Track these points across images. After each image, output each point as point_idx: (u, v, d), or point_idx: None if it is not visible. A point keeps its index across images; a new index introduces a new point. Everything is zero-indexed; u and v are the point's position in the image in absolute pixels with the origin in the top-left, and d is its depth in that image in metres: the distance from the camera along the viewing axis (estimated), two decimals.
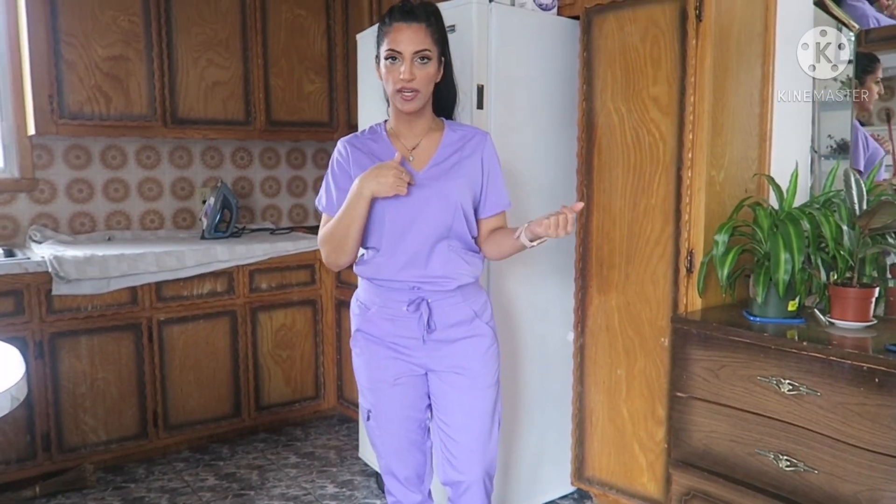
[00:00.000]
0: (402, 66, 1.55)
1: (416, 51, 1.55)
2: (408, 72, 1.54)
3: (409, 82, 1.55)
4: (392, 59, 1.56)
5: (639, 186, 2.11)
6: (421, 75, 1.56)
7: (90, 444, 2.71)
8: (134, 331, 2.78)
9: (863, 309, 1.71)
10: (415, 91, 1.57)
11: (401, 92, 1.57)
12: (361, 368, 1.73)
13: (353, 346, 1.74)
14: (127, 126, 2.97)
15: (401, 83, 1.56)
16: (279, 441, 3.11)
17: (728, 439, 1.80)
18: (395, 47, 1.55)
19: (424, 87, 1.58)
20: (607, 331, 2.24)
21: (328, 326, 3.29)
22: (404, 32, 1.55)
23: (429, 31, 1.57)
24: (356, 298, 1.76)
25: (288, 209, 3.82)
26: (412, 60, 1.55)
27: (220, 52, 3.17)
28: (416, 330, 1.64)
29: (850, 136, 2.02)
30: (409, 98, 1.57)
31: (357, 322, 1.73)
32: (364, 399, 1.75)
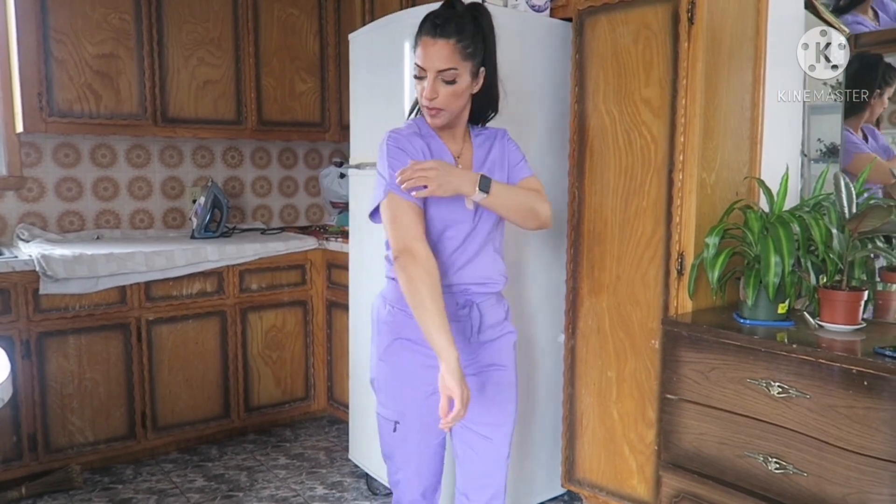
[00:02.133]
0: (426, 83, 1.49)
1: (440, 70, 1.47)
2: (430, 90, 1.48)
3: (430, 101, 1.49)
4: (419, 74, 1.50)
5: (630, 188, 2.11)
6: (445, 94, 1.49)
7: (77, 445, 2.69)
8: (122, 330, 2.76)
9: (852, 312, 1.72)
10: (438, 108, 1.51)
11: (426, 108, 1.52)
12: (393, 380, 1.61)
13: (387, 357, 1.61)
14: (117, 125, 2.95)
15: (425, 101, 1.51)
16: (269, 442, 3.09)
17: (718, 441, 1.80)
18: (420, 63, 1.49)
19: (449, 105, 1.51)
20: (598, 333, 2.24)
21: (319, 327, 3.28)
22: (429, 49, 1.48)
23: (457, 48, 1.47)
24: (389, 305, 1.61)
25: (279, 209, 3.81)
26: (435, 78, 1.48)
27: (212, 51, 3.15)
28: (463, 333, 1.60)
29: (839, 139, 2.03)
30: (434, 114, 1.52)
31: (392, 330, 1.60)
32: (390, 410, 1.64)
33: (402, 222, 1.49)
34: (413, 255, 1.45)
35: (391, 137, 1.56)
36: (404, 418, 1.61)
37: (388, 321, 1.61)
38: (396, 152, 1.54)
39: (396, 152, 1.54)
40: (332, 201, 3.68)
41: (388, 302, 1.62)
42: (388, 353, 1.61)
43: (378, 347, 1.64)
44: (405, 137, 1.56)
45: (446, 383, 1.42)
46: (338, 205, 3.65)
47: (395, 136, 1.56)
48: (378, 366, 1.64)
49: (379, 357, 1.63)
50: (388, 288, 1.63)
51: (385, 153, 1.55)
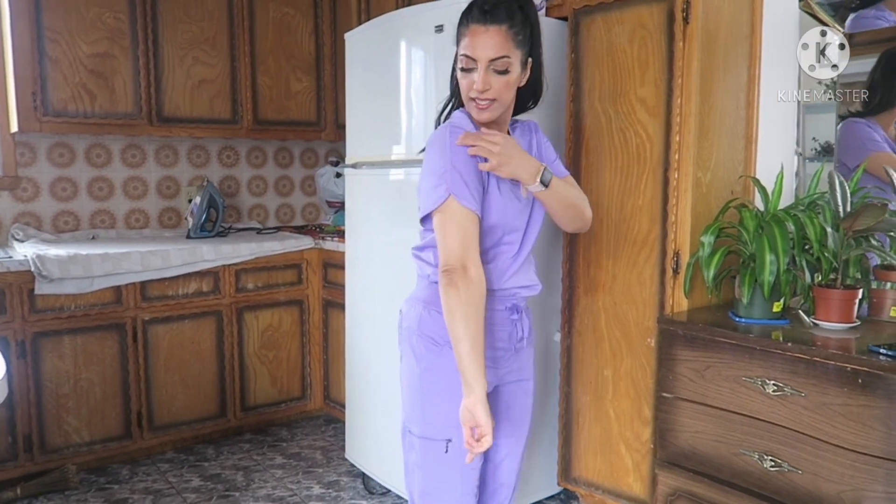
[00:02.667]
0: (475, 74, 1.38)
1: (493, 58, 1.37)
2: (481, 81, 1.37)
3: (483, 92, 1.39)
4: (466, 66, 1.39)
5: (626, 187, 2.12)
6: (498, 84, 1.39)
7: (73, 445, 2.68)
8: (118, 331, 2.75)
9: (847, 310, 1.73)
10: (490, 101, 1.40)
11: (474, 101, 1.41)
12: (444, 391, 1.44)
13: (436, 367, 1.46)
14: (112, 124, 2.94)
15: (475, 93, 1.39)
16: (265, 441, 3.09)
17: (713, 439, 1.80)
18: (470, 53, 1.38)
19: (501, 95, 1.41)
20: (594, 331, 2.24)
21: (315, 327, 3.28)
22: (480, 37, 1.37)
23: (510, 34, 1.37)
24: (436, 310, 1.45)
25: (275, 209, 3.80)
26: (487, 68, 1.37)
27: (207, 50, 3.15)
28: (510, 339, 1.53)
29: (833, 138, 2.03)
30: (484, 107, 1.41)
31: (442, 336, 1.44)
32: (439, 427, 1.46)
33: (461, 234, 1.37)
34: (467, 272, 1.34)
35: (454, 133, 1.41)
36: (458, 432, 1.42)
37: (436, 328, 1.46)
38: (460, 150, 1.40)
39: (460, 150, 1.40)
40: (329, 200, 3.68)
41: (432, 307, 1.47)
42: (438, 363, 1.46)
43: (422, 359, 1.48)
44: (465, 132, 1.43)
45: (475, 415, 1.33)
46: (334, 204, 3.65)
47: (456, 129, 1.42)
48: (423, 378, 1.48)
49: (426, 369, 1.47)
50: (431, 292, 1.47)
51: (447, 150, 1.40)
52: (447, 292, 1.34)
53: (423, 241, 1.50)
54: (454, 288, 1.33)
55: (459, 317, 1.33)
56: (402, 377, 1.55)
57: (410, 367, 1.51)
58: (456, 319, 1.33)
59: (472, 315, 1.33)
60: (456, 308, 1.33)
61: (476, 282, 1.35)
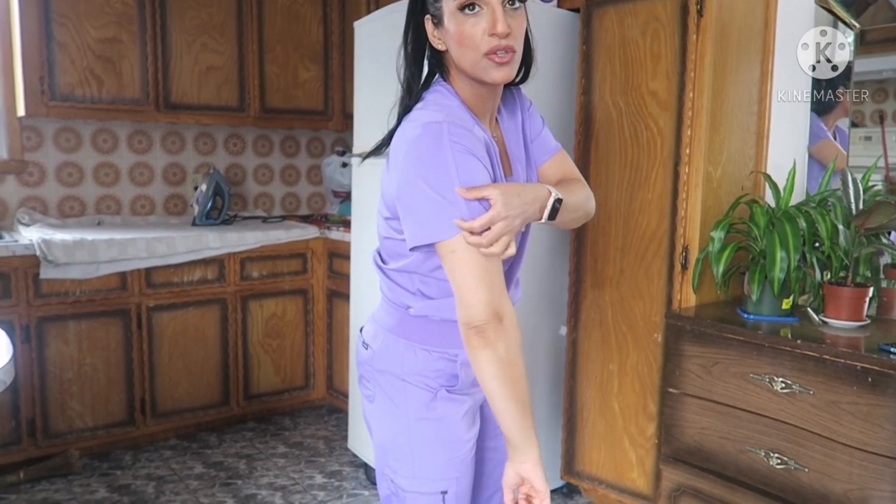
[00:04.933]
0: (488, 15, 1.07)
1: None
2: (503, 20, 1.06)
3: (505, 36, 1.08)
4: (470, 8, 1.07)
5: (635, 181, 2.10)
6: (516, 25, 1.10)
7: (76, 430, 2.69)
8: (122, 317, 2.75)
9: (857, 308, 1.72)
10: (512, 50, 1.10)
11: (493, 53, 1.08)
12: (439, 440, 1.24)
13: (431, 414, 1.22)
14: (119, 110, 2.93)
15: (494, 41, 1.07)
16: (267, 430, 3.09)
17: (719, 436, 1.80)
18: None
19: (521, 42, 1.13)
20: (600, 326, 2.23)
21: (319, 316, 3.27)
22: None
23: None
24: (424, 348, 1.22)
25: (280, 197, 3.79)
26: (502, 5, 1.08)
27: (215, 37, 3.13)
28: None
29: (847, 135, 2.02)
30: (506, 60, 1.09)
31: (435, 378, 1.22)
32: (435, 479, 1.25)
33: (488, 277, 1.07)
34: (502, 321, 1.08)
35: (452, 132, 1.06)
36: (456, 482, 1.25)
37: (427, 368, 1.22)
38: (468, 160, 1.07)
39: (468, 160, 1.07)
40: (334, 190, 3.67)
41: (416, 342, 1.22)
42: (433, 409, 1.23)
43: (411, 408, 1.23)
44: (467, 130, 1.09)
45: (534, 481, 1.14)
46: (339, 194, 3.64)
47: (456, 129, 1.07)
48: (414, 429, 1.24)
49: (418, 419, 1.22)
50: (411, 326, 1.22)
51: (447, 158, 1.06)
52: (482, 355, 1.07)
53: (402, 263, 1.20)
54: (491, 349, 1.07)
55: (505, 381, 1.08)
56: (376, 423, 1.28)
57: (392, 416, 1.25)
58: (501, 385, 1.08)
59: (517, 374, 1.09)
60: (497, 371, 1.07)
61: (512, 330, 1.09)
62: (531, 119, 1.32)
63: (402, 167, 1.10)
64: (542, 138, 1.32)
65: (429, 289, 1.20)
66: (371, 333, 1.29)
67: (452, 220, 1.05)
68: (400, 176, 1.10)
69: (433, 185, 1.06)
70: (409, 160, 1.09)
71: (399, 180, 1.10)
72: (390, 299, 1.26)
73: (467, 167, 1.06)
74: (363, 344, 1.30)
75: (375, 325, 1.29)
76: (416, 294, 1.21)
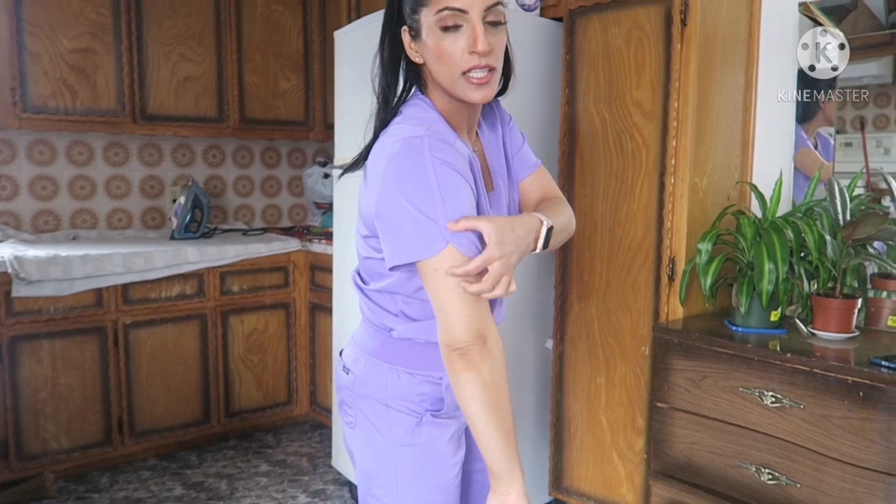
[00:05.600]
0: (467, 33, 1.03)
1: (489, 6, 1.04)
2: (483, 39, 1.02)
3: (486, 55, 1.04)
4: (450, 23, 1.03)
5: (621, 192, 2.08)
6: (497, 43, 1.06)
7: (51, 452, 2.61)
8: (98, 334, 2.68)
9: (846, 320, 1.69)
10: (492, 69, 1.06)
11: (471, 72, 1.05)
12: (424, 466, 1.19)
13: (416, 440, 1.17)
14: (94, 121, 2.87)
15: (474, 59, 1.04)
16: (250, 448, 3.02)
17: (709, 451, 1.77)
18: (455, 3, 1.02)
19: (500, 60, 1.09)
20: (587, 338, 2.20)
21: (302, 330, 3.22)
22: None
23: None
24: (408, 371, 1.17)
25: (261, 209, 3.73)
26: (483, 20, 1.04)
27: (193, 47, 3.08)
28: None
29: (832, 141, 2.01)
30: (485, 80, 1.06)
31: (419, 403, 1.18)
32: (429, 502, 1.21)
33: (471, 296, 1.03)
34: (486, 343, 1.03)
35: (433, 147, 1.02)
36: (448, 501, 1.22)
37: (411, 393, 1.17)
38: (450, 176, 1.03)
39: (450, 176, 1.03)
40: (316, 202, 3.62)
41: (400, 366, 1.18)
42: (418, 434, 1.17)
43: (396, 434, 1.18)
44: (449, 145, 1.05)
45: None
46: (322, 205, 3.59)
47: (437, 143, 1.03)
48: (401, 455, 1.19)
49: (405, 444, 1.17)
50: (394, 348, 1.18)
51: (429, 174, 1.01)
52: (464, 378, 1.02)
53: (384, 283, 1.15)
54: (474, 372, 1.02)
55: (489, 407, 1.03)
56: (359, 450, 1.23)
57: (375, 442, 1.20)
58: (484, 411, 1.03)
59: (501, 399, 1.04)
60: (481, 396, 1.02)
61: (497, 353, 1.05)
62: (511, 134, 1.29)
63: (382, 183, 1.05)
64: (522, 154, 1.29)
65: (412, 310, 1.16)
66: (352, 357, 1.24)
67: (434, 236, 1.01)
68: (379, 193, 1.06)
69: (414, 201, 1.01)
70: (388, 176, 1.04)
71: (378, 197, 1.06)
72: (371, 321, 1.21)
73: (449, 183, 1.02)
74: (343, 368, 1.25)
75: (356, 349, 1.24)
76: (399, 316, 1.17)
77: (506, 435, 1.04)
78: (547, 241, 1.13)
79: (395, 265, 1.06)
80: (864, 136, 2.04)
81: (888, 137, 1.94)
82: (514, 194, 1.26)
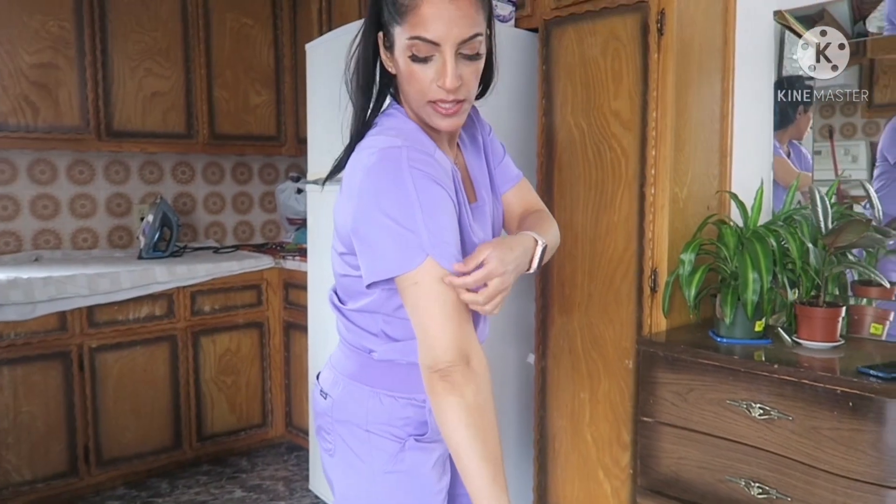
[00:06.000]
0: (438, 64, 0.98)
1: (463, 40, 0.97)
2: (453, 75, 0.97)
3: (455, 90, 0.99)
4: (420, 53, 0.98)
5: (601, 203, 2.05)
6: (469, 76, 1.01)
7: (13, 485, 2.48)
8: (63, 359, 2.57)
9: (831, 329, 1.68)
10: (460, 102, 1.02)
11: (438, 103, 1.01)
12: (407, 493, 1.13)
13: (399, 467, 1.11)
14: (57, 139, 2.77)
15: (442, 92, 1.00)
16: (223, 473, 2.92)
17: (697, 466, 1.73)
18: (429, 35, 0.96)
19: (472, 91, 1.04)
20: (570, 353, 2.16)
21: (276, 350, 3.13)
22: (443, 8, 0.95)
23: (479, 2, 0.99)
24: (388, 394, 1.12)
25: (233, 226, 3.65)
26: (456, 54, 0.98)
27: (160, 62, 3.00)
28: None
29: (811, 149, 2.01)
30: (452, 112, 1.02)
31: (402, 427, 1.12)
32: None
33: (455, 314, 0.98)
34: (470, 363, 0.97)
35: (412, 158, 0.98)
36: None
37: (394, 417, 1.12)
38: (430, 187, 0.98)
39: (430, 187, 0.98)
40: (289, 217, 3.55)
41: (381, 389, 1.12)
42: (401, 461, 1.11)
43: (376, 460, 1.12)
44: (428, 156, 1.01)
45: None
46: (295, 221, 3.52)
47: (416, 154, 0.99)
48: (381, 483, 1.12)
49: (387, 472, 1.11)
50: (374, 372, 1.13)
51: (407, 185, 0.97)
52: (447, 402, 0.96)
53: (363, 302, 1.10)
54: (457, 395, 0.95)
55: (474, 433, 0.95)
56: (338, 478, 1.17)
57: (356, 470, 1.13)
58: (469, 437, 0.95)
59: (487, 424, 0.97)
60: (465, 420, 0.95)
61: (482, 373, 0.98)
62: (492, 145, 1.26)
63: (358, 199, 1.00)
64: (503, 166, 1.26)
65: (393, 330, 1.10)
66: (330, 381, 1.18)
67: (413, 249, 0.96)
68: (355, 208, 1.01)
69: (392, 214, 0.96)
70: (364, 191, 0.99)
71: (354, 212, 1.02)
72: (350, 342, 1.16)
73: (429, 195, 0.97)
74: (321, 393, 1.19)
75: (334, 372, 1.18)
76: (380, 336, 1.11)
77: (493, 467, 0.96)
78: (540, 261, 1.12)
79: (374, 281, 1.01)
80: (832, 144, 2.04)
81: (855, 145, 1.95)
82: (497, 206, 1.22)
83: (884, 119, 1.86)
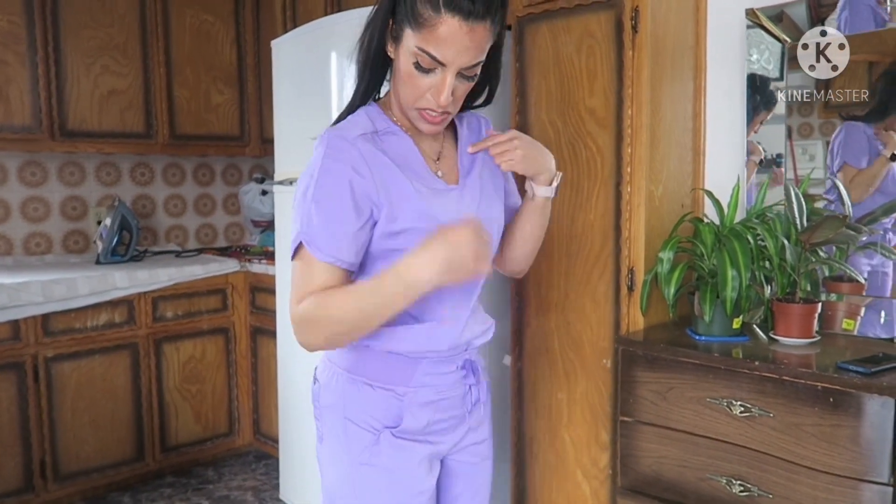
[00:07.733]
0: (437, 79, 1.04)
1: (469, 66, 1.05)
2: (447, 93, 1.05)
3: (444, 107, 1.07)
4: (425, 65, 1.03)
5: (577, 202, 2.03)
6: (461, 92, 1.09)
7: None
8: (16, 370, 2.44)
9: (807, 325, 1.69)
10: (447, 113, 1.10)
11: (426, 111, 1.08)
12: (385, 490, 1.14)
13: (375, 459, 1.13)
14: (6, 139, 2.64)
15: (432, 104, 1.07)
16: (189, 485, 2.82)
17: (678, 464, 1.72)
18: (438, 55, 1.01)
19: (458, 105, 1.12)
20: (547, 353, 2.14)
21: (242, 356, 3.04)
22: (459, 37, 1.00)
23: (491, 31, 1.04)
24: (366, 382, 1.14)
25: (195, 229, 3.54)
26: (456, 74, 1.05)
27: (117, 58, 2.89)
28: (461, 405, 1.22)
29: (784, 149, 2.02)
30: (438, 121, 1.10)
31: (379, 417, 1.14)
32: None
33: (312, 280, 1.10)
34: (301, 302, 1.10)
35: (330, 144, 1.06)
36: None
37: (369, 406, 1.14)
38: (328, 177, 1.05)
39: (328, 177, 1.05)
40: (254, 220, 3.46)
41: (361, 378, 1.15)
42: (377, 454, 1.13)
43: (354, 451, 1.14)
44: (349, 144, 1.07)
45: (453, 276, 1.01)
46: (260, 223, 3.43)
47: (335, 141, 1.07)
48: (358, 475, 1.14)
49: (362, 463, 1.13)
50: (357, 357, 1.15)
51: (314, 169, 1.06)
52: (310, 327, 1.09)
53: None
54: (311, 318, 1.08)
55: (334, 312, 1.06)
56: (323, 465, 1.21)
57: (338, 458, 1.17)
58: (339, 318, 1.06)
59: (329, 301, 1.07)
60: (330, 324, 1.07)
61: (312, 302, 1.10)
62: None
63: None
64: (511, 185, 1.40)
65: None
66: (321, 365, 1.22)
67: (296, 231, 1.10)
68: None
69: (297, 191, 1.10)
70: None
71: None
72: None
73: (325, 182, 1.05)
74: (314, 377, 1.23)
75: (325, 355, 1.22)
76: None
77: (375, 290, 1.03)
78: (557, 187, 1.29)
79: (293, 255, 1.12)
80: (791, 144, 2.07)
81: (813, 145, 1.98)
82: (493, 206, 1.25)
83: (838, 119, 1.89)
